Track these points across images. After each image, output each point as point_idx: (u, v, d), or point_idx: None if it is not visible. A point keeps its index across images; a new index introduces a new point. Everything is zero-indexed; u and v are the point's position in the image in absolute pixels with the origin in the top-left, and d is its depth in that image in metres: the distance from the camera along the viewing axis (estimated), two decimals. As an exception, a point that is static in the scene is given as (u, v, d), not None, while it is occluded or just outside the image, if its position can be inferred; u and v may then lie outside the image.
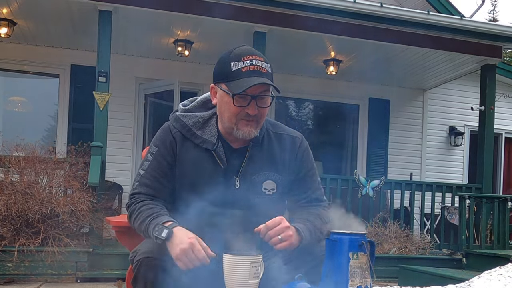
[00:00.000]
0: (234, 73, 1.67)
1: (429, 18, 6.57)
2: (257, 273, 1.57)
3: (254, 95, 1.67)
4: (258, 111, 1.70)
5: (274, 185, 1.80)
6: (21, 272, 4.88)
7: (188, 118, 1.81)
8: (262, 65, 1.69)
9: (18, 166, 5.23)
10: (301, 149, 1.87)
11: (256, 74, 1.66)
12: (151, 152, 1.80)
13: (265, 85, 1.68)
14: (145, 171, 1.79)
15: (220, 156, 1.76)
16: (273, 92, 1.74)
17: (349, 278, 1.51)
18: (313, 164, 1.91)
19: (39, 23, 6.70)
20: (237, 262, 1.55)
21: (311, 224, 1.74)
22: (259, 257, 1.58)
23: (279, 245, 1.63)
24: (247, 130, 1.72)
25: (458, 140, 9.06)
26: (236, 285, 1.56)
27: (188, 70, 7.71)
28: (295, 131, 1.93)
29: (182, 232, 1.58)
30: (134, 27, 6.61)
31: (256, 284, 1.57)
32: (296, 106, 8.88)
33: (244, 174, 1.77)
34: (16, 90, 7.76)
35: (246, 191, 1.76)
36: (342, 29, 6.40)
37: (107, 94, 5.81)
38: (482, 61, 7.17)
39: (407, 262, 6.01)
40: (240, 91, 1.65)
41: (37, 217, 4.94)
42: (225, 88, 1.70)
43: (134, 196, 1.78)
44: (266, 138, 1.83)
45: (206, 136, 1.78)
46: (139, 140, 7.79)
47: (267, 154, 1.81)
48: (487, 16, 26.08)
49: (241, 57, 1.68)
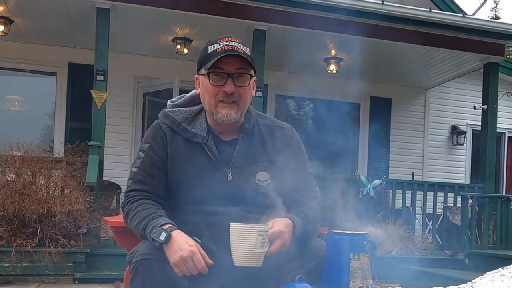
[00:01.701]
0: (210, 55, 1.69)
1: (431, 16, 6.57)
2: (264, 243, 1.56)
3: (230, 72, 1.69)
4: (236, 90, 1.70)
5: (268, 176, 1.79)
6: (18, 273, 4.89)
7: (177, 113, 1.82)
8: (238, 46, 1.69)
9: (15, 166, 5.21)
10: (293, 140, 1.87)
11: (231, 52, 1.67)
12: (142, 149, 1.80)
13: (240, 62, 1.69)
14: (137, 168, 1.78)
15: (211, 149, 1.76)
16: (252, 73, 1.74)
17: (350, 279, 1.51)
18: (305, 154, 1.90)
19: (36, 21, 6.68)
20: (244, 231, 1.55)
21: (304, 215, 1.74)
22: (266, 226, 1.59)
23: (270, 249, 1.60)
24: (226, 112, 1.72)
25: (461, 139, 9.04)
26: (243, 254, 1.56)
27: (187, 68, 7.59)
28: (285, 123, 1.93)
29: (182, 238, 1.56)
30: (132, 25, 6.59)
31: (262, 254, 1.57)
32: (296, 104, 8.85)
33: (236, 166, 1.76)
34: (13, 89, 7.72)
35: (239, 183, 1.75)
36: (343, 27, 6.37)
37: (105, 93, 5.79)
38: (484, 59, 7.14)
39: (408, 262, 5.99)
40: (211, 66, 1.67)
41: (34, 217, 4.93)
42: (203, 71, 1.73)
43: (129, 194, 1.76)
44: (256, 129, 1.83)
45: (196, 130, 1.78)
46: (138, 139, 7.74)
47: (258, 145, 1.81)
48: (489, 14, 26.01)
49: (218, 40, 1.71)
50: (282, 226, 1.63)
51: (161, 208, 1.73)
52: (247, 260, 1.56)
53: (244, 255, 1.56)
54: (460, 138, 9.02)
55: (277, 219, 1.67)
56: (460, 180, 8.84)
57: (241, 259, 1.57)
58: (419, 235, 6.85)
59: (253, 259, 1.56)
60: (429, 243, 6.59)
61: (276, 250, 1.60)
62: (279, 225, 1.63)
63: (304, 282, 1.54)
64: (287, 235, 1.63)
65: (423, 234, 6.90)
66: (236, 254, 1.57)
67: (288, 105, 8.78)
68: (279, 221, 1.65)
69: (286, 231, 1.63)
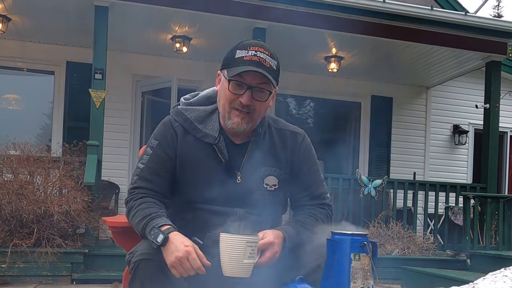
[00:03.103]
0: (236, 60, 1.68)
1: (433, 14, 6.54)
2: (253, 254, 1.57)
3: (251, 85, 1.67)
4: (252, 103, 1.69)
5: (276, 181, 1.79)
6: (15, 274, 4.88)
7: (190, 112, 1.81)
8: (266, 58, 1.68)
9: (12, 166, 5.19)
10: (303, 145, 1.86)
11: (257, 64, 1.66)
12: (150, 146, 1.79)
13: (263, 77, 1.67)
14: (144, 165, 1.76)
15: (221, 151, 1.75)
16: (272, 88, 1.73)
17: (351, 280, 1.50)
18: (316, 161, 1.89)
19: (34, 19, 6.65)
20: (233, 241, 1.56)
21: (302, 225, 1.75)
22: (256, 238, 1.59)
23: (259, 260, 1.62)
24: (237, 121, 1.71)
25: (462, 138, 8.99)
26: (231, 264, 1.57)
27: (186, 67, 7.65)
28: (297, 127, 1.92)
29: (178, 239, 1.55)
30: (131, 23, 6.55)
31: (251, 265, 1.58)
32: (296, 104, 8.84)
33: (246, 169, 1.76)
34: (11, 88, 7.67)
35: (248, 186, 1.75)
36: (343, 25, 6.37)
37: (103, 92, 5.77)
38: (486, 58, 7.10)
39: (410, 263, 5.95)
40: (233, 74, 1.66)
41: (31, 218, 4.92)
42: (225, 73, 1.72)
43: (133, 191, 1.75)
44: (268, 133, 1.82)
45: (208, 130, 1.77)
46: (136, 138, 7.74)
47: (268, 149, 1.80)
48: (491, 12, 26.03)
49: (248, 47, 1.69)
50: (273, 238, 1.65)
51: (164, 207, 1.72)
52: (235, 271, 1.57)
53: (233, 265, 1.57)
54: (462, 137, 8.97)
55: (268, 230, 1.68)
56: (462, 180, 8.80)
57: (229, 269, 1.58)
58: (421, 236, 6.84)
59: (242, 269, 1.57)
60: (431, 243, 6.57)
61: (265, 261, 1.62)
62: (270, 236, 1.65)
63: (305, 283, 1.53)
64: (277, 246, 1.65)
65: (425, 235, 6.90)
66: (224, 264, 1.58)
67: (288, 104, 8.76)
68: (270, 233, 1.66)
69: (276, 242, 1.65)
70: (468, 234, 6.33)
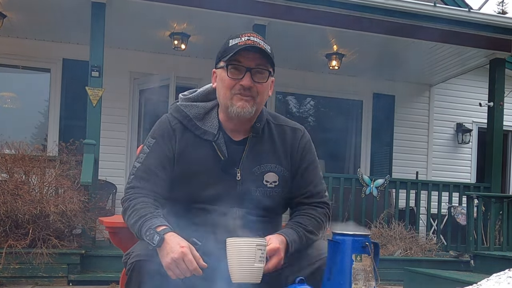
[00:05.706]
0: (231, 47, 1.69)
1: (436, 11, 6.50)
2: (262, 257, 1.55)
3: (249, 67, 1.68)
4: (254, 85, 1.69)
5: (276, 177, 1.77)
6: (10, 275, 4.83)
7: (189, 108, 1.81)
8: (259, 42, 1.68)
9: (7, 165, 5.15)
10: (303, 142, 1.85)
11: (252, 47, 1.66)
12: (147, 144, 1.78)
13: (260, 58, 1.68)
14: (141, 164, 1.75)
15: (220, 148, 1.75)
16: (270, 68, 1.73)
17: (352, 281, 1.49)
18: (315, 157, 1.88)
19: (29, 16, 6.61)
20: (242, 245, 1.53)
21: (302, 228, 1.73)
22: (264, 241, 1.57)
23: (267, 267, 1.60)
24: (241, 105, 1.69)
25: (466, 137, 8.96)
26: (241, 269, 1.54)
27: (185, 64, 7.63)
28: (296, 123, 1.91)
29: (174, 240, 1.53)
30: (128, 19, 6.52)
31: (261, 269, 1.55)
32: (297, 102, 8.84)
33: (245, 166, 1.75)
34: (6, 86, 7.63)
35: (247, 183, 1.74)
36: (345, 21, 6.36)
37: (100, 90, 5.75)
38: (490, 55, 7.09)
39: (412, 264, 5.92)
40: (230, 57, 1.66)
41: (27, 218, 4.88)
42: (221, 64, 1.72)
43: (129, 191, 1.73)
44: (267, 129, 1.82)
45: (206, 127, 1.77)
46: (134, 137, 7.75)
47: (268, 146, 1.80)
48: (495, 9, 25.89)
49: (240, 35, 1.71)
50: (278, 243, 1.63)
51: (161, 207, 1.70)
52: (246, 276, 1.54)
53: (243, 271, 1.54)
54: (466, 136, 8.94)
55: (272, 236, 1.66)
56: (466, 179, 8.77)
57: (239, 275, 1.54)
58: (424, 236, 6.86)
59: (252, 274, 1.54)
60: (434, 244, 6.56)
61: (272, 267, 1.60)
62: (275, 242, 1.63)
63: (305, 284, 1.53)
64: (282, 253, 1.64)
65: (428, 235, 6.92)
66: (234, 270, 1.54)
67: (289, 102, 8.75)
68: (274, 238, 1.65)
69: (281, 248, 1.64)
70: (471, 234, 6.34)
